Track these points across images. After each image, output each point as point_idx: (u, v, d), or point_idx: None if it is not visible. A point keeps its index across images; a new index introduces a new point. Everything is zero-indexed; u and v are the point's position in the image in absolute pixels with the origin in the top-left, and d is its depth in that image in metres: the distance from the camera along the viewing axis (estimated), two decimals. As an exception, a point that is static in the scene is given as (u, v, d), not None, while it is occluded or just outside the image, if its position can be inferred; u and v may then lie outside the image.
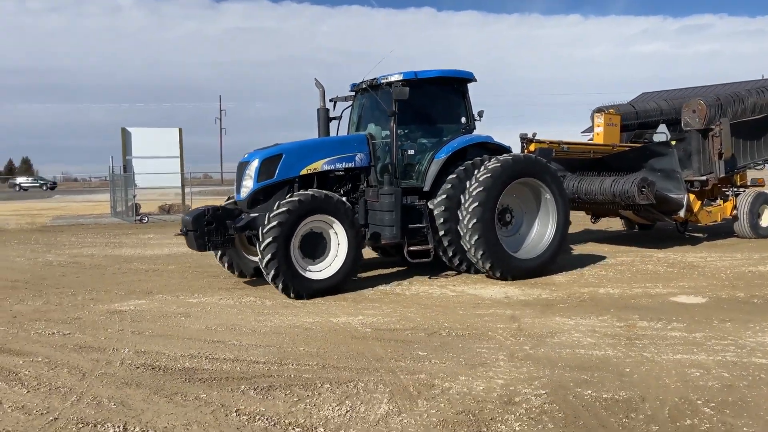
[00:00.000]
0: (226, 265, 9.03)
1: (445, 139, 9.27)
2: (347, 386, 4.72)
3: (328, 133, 9.83)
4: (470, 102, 9.63)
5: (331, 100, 10.15)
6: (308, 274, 7.89)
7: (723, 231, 13.68)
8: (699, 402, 4.30)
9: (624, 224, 14.95)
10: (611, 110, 13.80)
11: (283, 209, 7.66)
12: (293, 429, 3.96)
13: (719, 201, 13.00)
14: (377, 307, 7.42)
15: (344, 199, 8.45)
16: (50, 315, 7.19)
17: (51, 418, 4.19)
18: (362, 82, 9.57)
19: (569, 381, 4.77)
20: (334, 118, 10.01)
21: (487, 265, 8.70)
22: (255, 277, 8.97)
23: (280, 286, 7.67)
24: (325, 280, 7.96)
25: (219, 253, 8.94)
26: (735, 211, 12.77)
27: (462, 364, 5.23)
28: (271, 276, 7.62)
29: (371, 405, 4.35)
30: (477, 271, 9.14)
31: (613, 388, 4.59)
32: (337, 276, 8.02)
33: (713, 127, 12.11)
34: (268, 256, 7.52)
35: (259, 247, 7.63)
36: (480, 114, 9.64)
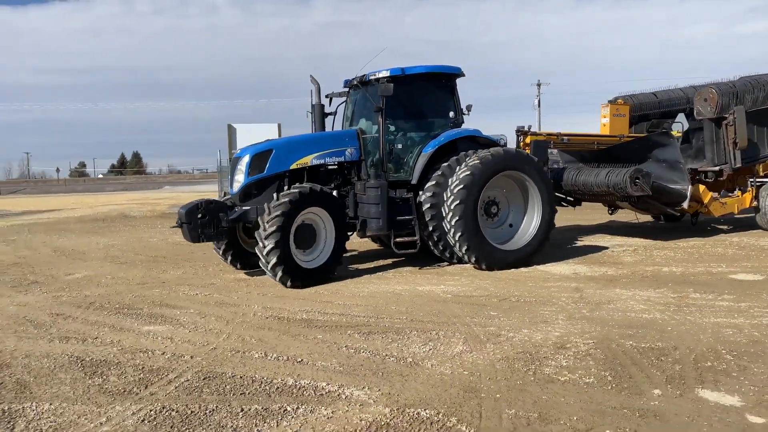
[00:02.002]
0: (229, 259, 9.24)
1: (433, 133, 9.51)
2: (430, 333, 5.92)
3: (323, 128, 10.09)
4: (458, 96, 9.85)
5: (326, 96, 10.38)
6: (301, 263, 8.21)
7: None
8: (723, 351, 5.16)
9: (652, 216, 14.24)
10: (620, 100, 13.52)
11: (285, 200, 7.97)
12: (389, 358, 5.22)
13: (737, 192, 12.43)
14: (457, 279, 8.55)
15: (334, 192, 8.90)
16: (191, 281, 8.88)
17: (210, 348, 5.68)
18: (354, 79, 9.80)
19: (615, 335, 5.72)
20: (330, 114, 10.29)
21: (472, 258, 8.94)
22: (255, 269, 9.03)
23: (279, 274, 7.91)
24: (315, 269, 8.29)
25: (222, 248, 9.19)
26: (755, 203, 12.23)
27: (526, 321, 6.29)
28: (271, 264, 7.87)
29: (449, 345, 5.53)
30: (463, 261, 9.34)
31: (652, 340, 5.51)
32: (324, 265, 8.40)
33: (726, 115, 11.56)
34: (271, 245, 7.81)
35: (261, 236, 7.91)
36: (468, 108, 9.88)
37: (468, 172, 8.88)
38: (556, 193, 11.75)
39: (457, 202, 8.77)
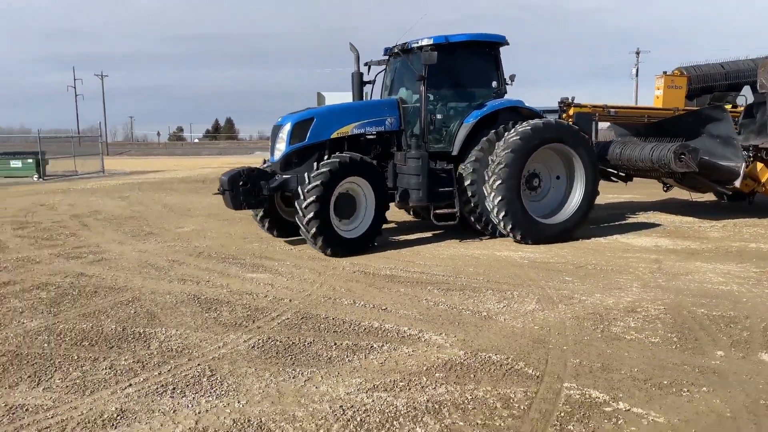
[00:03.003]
0: (266, 226, 9.29)
1: (475, 103, 9.30)
2: (505, 293, 6.34)
3: (361, 96, 9.89)
4: (502, 66, 9.60)
5: (365, 64, 10.15)
6: (341, 233, 8.24)
7: None
8: (796, 323, 5.25)
9: (714, 195, 13.29)
10: (676, 71, 12.64)
11: (325, 170, 7.98)
12: (465, 311, 5.70)
13: None
14: (535, 247, 8.82)
15: (374, 162, 8.74)
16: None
17: (306, 294, 6.38)
18: (395, 46, 9.60)
19: (688, 303, 5.90)
20: (368, 82, 10.08)
21: (509, 227, 8.80)
22: (292, 237, 9.27)
23: (320, 242, 7.98)
24: (354, 239, 8.34)
25: (259, 215, 9.25)
26: None
27: (600, 287, 6.56)
28: (312, 233, 7.92)
29: (522, 304, 5.93)
30: (501, 234, 9.21)
31: (724, 310, 5.66)
32: (365, 235, 8.43)
33: None
34: (311, 214, 7.84)
35: (301, 205, 7.94)
36: (512, 78, 9.65)
37: (518, 137, 8.73)
38: (607, 168, 11.58)
39: (503, 165, 8.63)
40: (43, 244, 9.37)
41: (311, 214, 7.86)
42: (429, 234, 9.88)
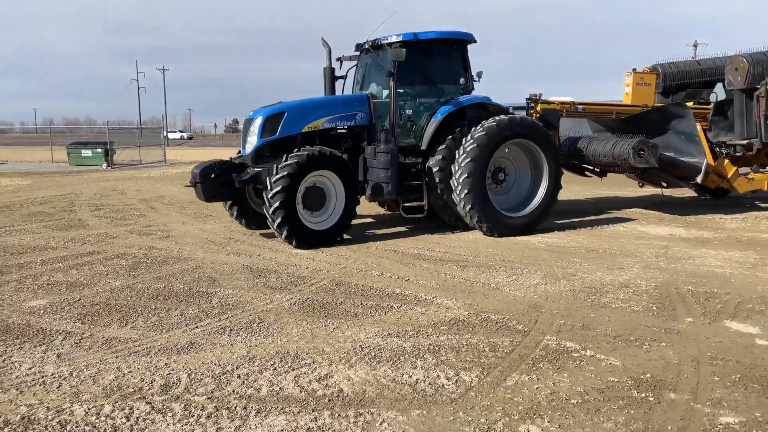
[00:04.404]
0: (234, 214, 9.53)
1: (443, 99, 9.50)
2: (515, 270, 7.18)
3: (333, 91, 9.96)
4: (469, 63, 9.76)
5: (337, 60, 10.24)
6: (309, 225, 8.42)
7: None
8: (771, 299, 5.91)
9: (694, 191, 13.14)
10: (646, 68, 12.71)
11: (291, 161, 8.14)
12: (477, 283, 6.58)
13: None
14: (555, 234, 9.56)
15: (345, 156, 8.87)
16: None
17: (341, 267, 7.37)
18: (365, 42, 9.77)
19: (678, 281, 6.61)
20: (340, 77, 10.11)
21: (475, 219, 9.07)
22: (262, 229, 9.45)
23: (285, 233, 8.16)
24: (323, 231, 8.53)
25: (229, 204, 9.44)
26: None
27: (603, 267, 7.31)
28: (277, 223, 8.12)
29: (528, 278, 6.77)
30: (467, 227, 9.48)
31: (710, 287, 6.34)
32: (333, 228, 8.63)
33: (758, 86, 10.86)
34: (276, 204, 8.03)
35: (267, 196, 8.13)
36: (479, 75, 9.79)
37: (483, 133, 8.98)
38: (582, 164, 11.89)
39: (469, 159, 8.88)
40: (118, 223, 10.72)
41: (277, 204, 8.05)
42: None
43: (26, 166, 26.78)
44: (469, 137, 9.12)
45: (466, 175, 8.93)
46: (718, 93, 13.17)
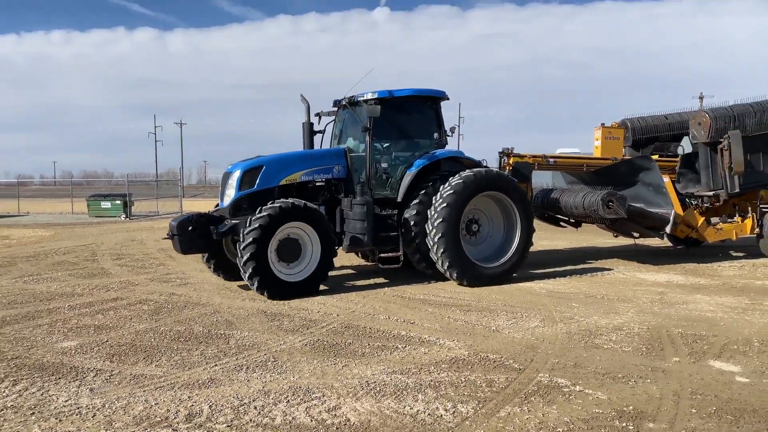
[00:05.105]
0: (212, 267, 9.68)
1: (418, 153, 9.83)
2: (515, 314, 7.57)
3: (312, 145, 10.37)
4: (442, 118, 10.20)
5: (316, 115, 10.66)
6: (282, 276, 8.45)
7: None
8: (755, 341, 6.24)
9: (669, 241, 13.87)
10: (614, 123, 13.27)
11: (264, 214, 8.26)
12: (478, 326, 6.98)
13: (737, 218, 12.09)
14: (557, 280, 9.96)
15: (322, 208, 9.12)
16: (336, 267, 11.20)
17: (350, 311, 7.80)
18: (343, 99, 10.16)
19: (670, 324, 6.96)
20: (319, 132, 10.57)
21: (454, 274, 9.26)
22: (240, 280, 9.30)
23: (255, 285, 8.25)
24: (297, 282, 8.58)
25: (206, 257, 9.57)
26: (758, 229, 11.92)
27: (600, 311, 7.68)
28: (248, 274, 8.21)
29: (527, 322, 7.15)
30: (441, 276, 9.57)
31: (699, 330, 6.69)
32: (309, 279, 8.68)
33: (721, 140, 11.37)
34: (247, 255, 8.12)
35: (239, 247, 8.27)
36: (452, 130, 10.31)
37: (451, 191, 9.21)
38: (556, 215, 12.30)
39: (440, 220, 9.11)
40: (138, 271, 11.26)
41: (247, 255, 8.15)
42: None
43: (47, 217, 27.65)
44: (446, 185, 9.35)
45: (441, 219, 9.13)
46: (685, 146, 13.65)
